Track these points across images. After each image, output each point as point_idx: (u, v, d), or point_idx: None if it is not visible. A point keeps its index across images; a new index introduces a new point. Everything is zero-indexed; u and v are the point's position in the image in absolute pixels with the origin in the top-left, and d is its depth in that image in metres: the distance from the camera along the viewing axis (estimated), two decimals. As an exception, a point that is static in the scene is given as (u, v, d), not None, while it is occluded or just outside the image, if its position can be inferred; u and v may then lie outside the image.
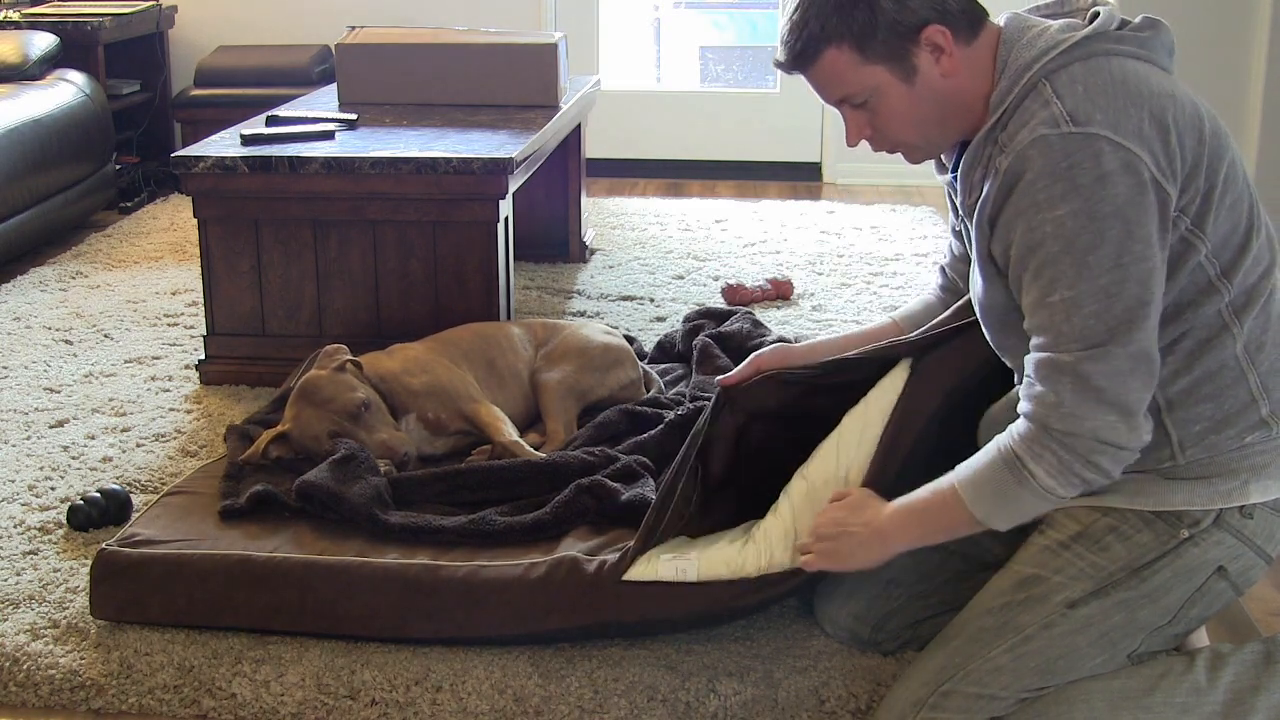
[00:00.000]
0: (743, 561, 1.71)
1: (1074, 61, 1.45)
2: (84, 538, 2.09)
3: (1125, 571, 1.53)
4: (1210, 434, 1.51)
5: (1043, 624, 1.52)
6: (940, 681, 1.53)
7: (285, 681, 1.72)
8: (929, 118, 1.52)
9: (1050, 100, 1.43)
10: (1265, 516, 1.54)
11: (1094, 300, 1.41)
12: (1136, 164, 1.40)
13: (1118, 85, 1.43)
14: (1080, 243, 1.40)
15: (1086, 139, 1.40)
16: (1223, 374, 1.50)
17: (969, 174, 1.52)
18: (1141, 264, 1.41)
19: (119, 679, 1.74)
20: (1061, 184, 1.40)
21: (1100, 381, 1.42)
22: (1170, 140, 1.43)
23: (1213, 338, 1.49)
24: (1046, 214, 1.41)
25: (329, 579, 1.80)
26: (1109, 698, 1.51)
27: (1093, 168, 1.40)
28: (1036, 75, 1.45)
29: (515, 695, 1.69)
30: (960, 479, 1.52)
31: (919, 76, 1.50)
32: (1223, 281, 1.48)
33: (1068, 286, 1.42)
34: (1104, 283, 1.40)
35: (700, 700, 1.67)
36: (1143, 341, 1.42)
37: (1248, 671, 1.54)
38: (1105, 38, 1.47)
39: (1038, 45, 1.47)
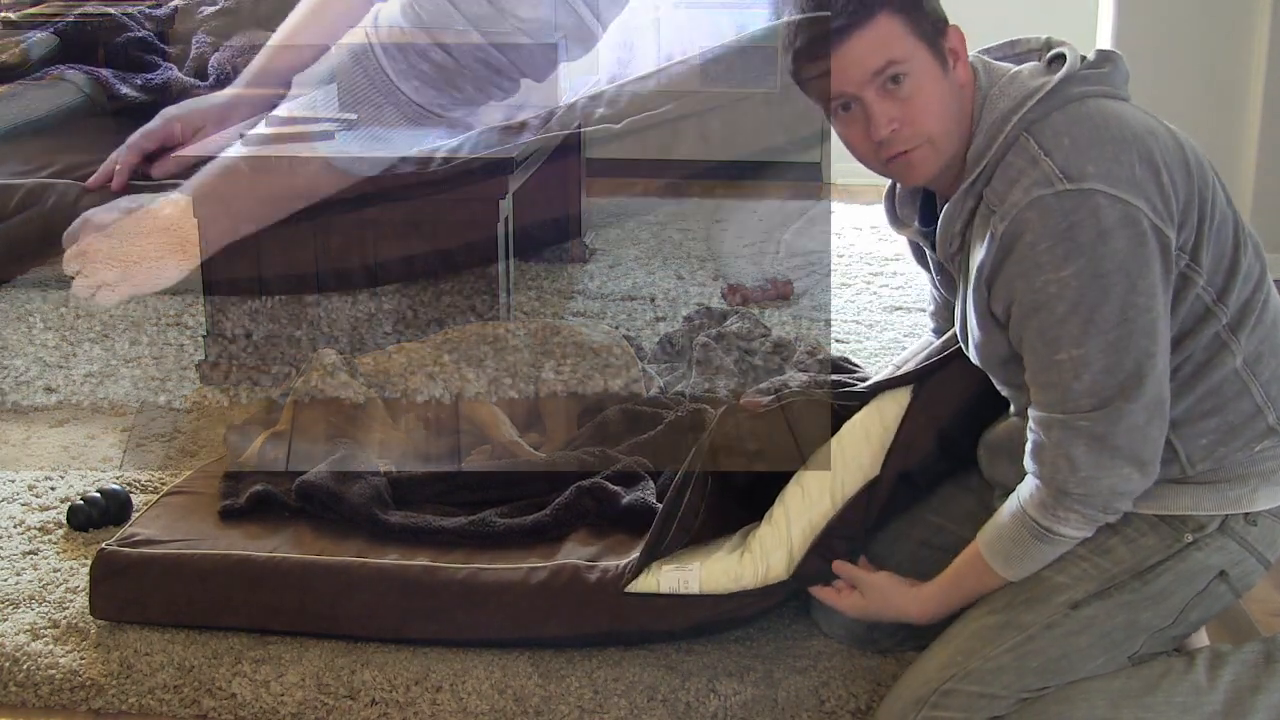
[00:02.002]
0: (740, 571, 1.71)
1: (1053, 110, 1.43)
2: (84, 538, 2.09)
3: (1128, 574, 1.53)
4: (1219, 446, 1.51)
5: (1045, 624, 1.52)
6: (941, 680, 1.53)
7: (285, 681, 1.72)
8: (954, 115, 1.50)
9: (1039, 157, 1.41)
10: (1268, 523, 1.54)
11: (1102, 356, 1.41)
12: (1135, 214, 1.39)
13: (1102, 131, 1.42)
14: (1086, 302, 1.40)
15: (1083, 195, 1.39)
16: (1225, 389, 1.50)
17: (949, 225, 1.50)
18: (1146, 315, 1.41)
19: (119, 679, 1.74)
20: (1063, 245, 1.39)
21: (1118, 440, 1.42)
22: (1163, 181, 1.42)
23: (1212, 358, 1.49)
24: (1050, 275, 1.40)
25: (329, 579, 1.80)
26: (1109, 697, 1.51)
27: (1092, 225, 1.39)
28: (1017, 127, 1.43)
29: (515, 695, 1.69)
30: (988, 550, 1.55)
31: (949, 67, 1.49)
32: (1219, 305, 1.48)
33: (1075, 345, 1.41)
34: (1111, 338, 1.40)
35: (700, 700, 1.67)
36: (1154, 389, 1.43)
37: (1248, 671, 1.54)
38: (1076, 80, 1.45)
39: (1011, 94, 1.45)
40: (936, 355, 1.76)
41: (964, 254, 1.51)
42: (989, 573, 1.56)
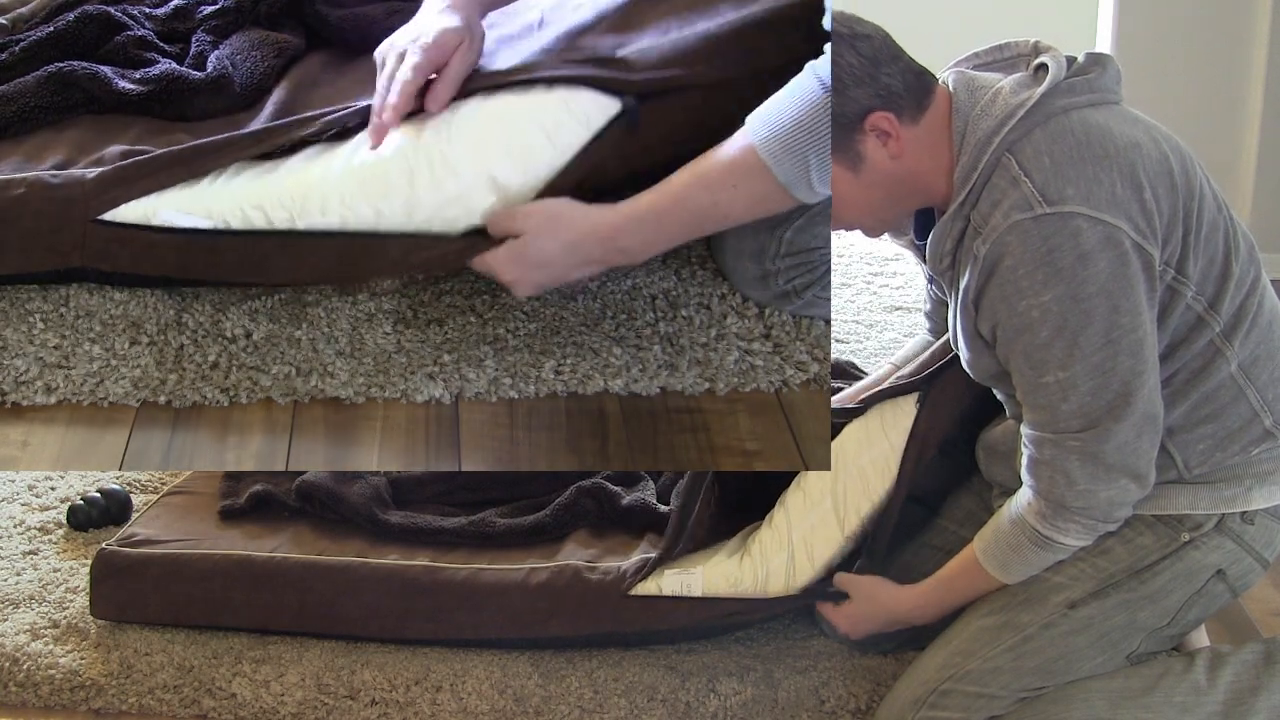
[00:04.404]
0: (740, 575, 1.71)
1: (1035, 128, 1.42)
2: (84, 538, 2.09)
3: (1126, 573, 1.53)
4: (1216, 451, 1.51)
5: (1043, 624, 1.53)
6: (940, 680, 1.53)
7: (285, 681, 1.72)
8: (878, 201, 1.50)
9: (1019, 179, 1.40)
10: (1265, 523, 1.54)
11: (1089, 378, 1.40)
12: (1116, 235, 1.38)
13: (1084, 148, 1.40)
14: (1069, 326, 1.39)
15: (1062, 219, 1.37)
16: (1220, 395, 1.50)
17: (939, 244, 1.50)
18: (1131, 335, 1.40)
19: (119, 679, 1.74)
20: (1043, 270, 1.38)
21: (1111, 458, 1.43)
22: (1145, 198, 1.40)
23: (1206, 366, 1.49)
24: (1031, 300, 1.39)
25: (329, 579, 1.80)
26: (1108, 697, 1.51)
27: (1072, 249, 1.37)
28: (999, 148, 1.42)
29: (515, 695, 1.69)
30: (986, 559, 1.56)
31: (865, 164, 1.47)
32: (1211, 314, 1.48)
33: (1060, 368, 1.41)
34: (1096, 360, 1.40)
35: (700, 700, 1.67)
36: (1143, 405, 1.42)
37: (1247, 671, 1.54)
38: (1059, 92, 1.43)
39: (993, 113, 1.43)
40: (938, 360, 1.76)
41: (953, 271, 1.50)
42: (983, 577, 1.56)
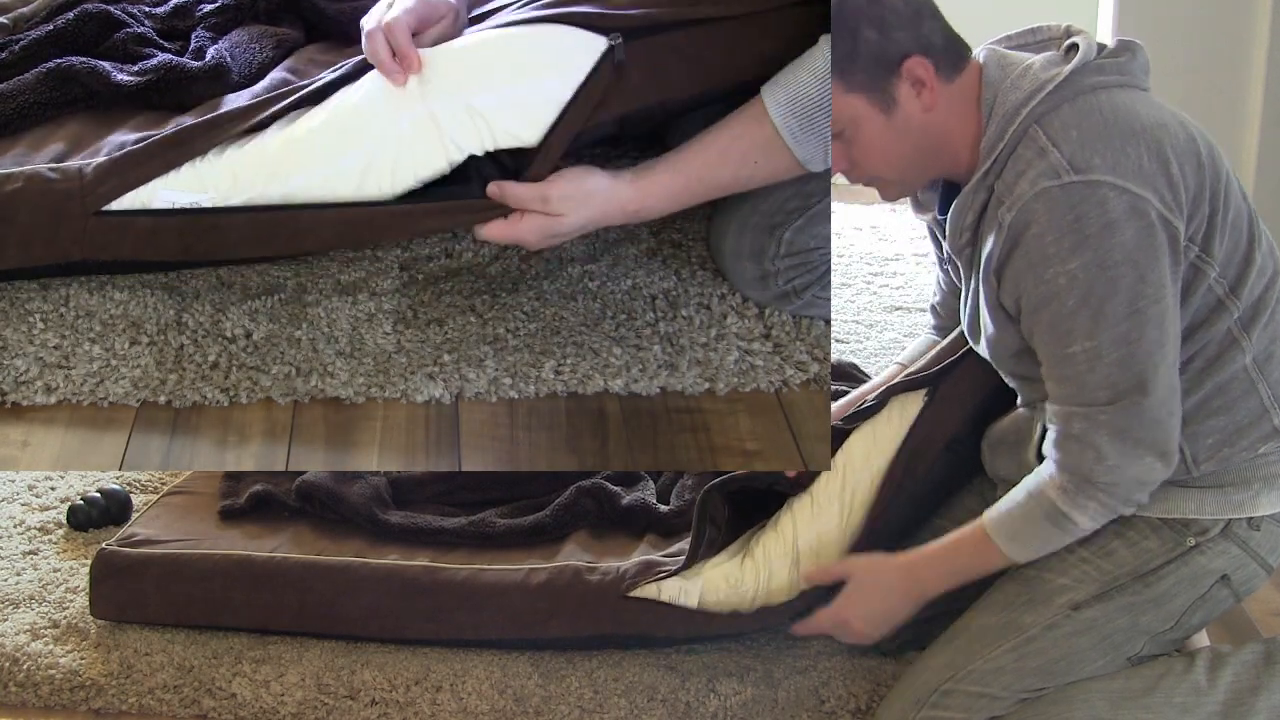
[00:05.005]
0: (741, 576, 1.70)
1: (1063, 103, 1.43)
2: (84, 538, 2.09)
3: (1130, 576, 1.53)
4: (1224, 446, 1.51)
5: (1045, 625, 1.53)
6: (941, 680, 1.53)
7: (285, 681, 1.72)
8: (904, 153, 1.51)
9: (1047, 148, 1.41)
10: (1270, 529, 1.54)
11: (1114, 348, 1.40)
12: (1142, 205, 1.39)
13: (1110, 124, 1.41)
14: (1095, 294, 1.39)
15: (1089, 187, 1.38)
16: (1233, 387, 1.50)
17: (960, 217, 1.50)
18: (1155, 305, 1.40)
19: (119, 679, 1.74)
20: (1070, 237, 1.39)
21: (1140, 432, 1.43)
22: (1172, 172, 1.41)
23: (1222, 354, 1.49)
24: (1058, 268, 1.40)
25: (329, 579, 1.80)
26: (1109, 697, 1.51)
27: (1099, 216, 1.38)
28: (1027, 120, 1.43)
29: (515, 695, 1.69)
30: (995, 529, 1.54)
31: (898, 109, 1.47)
32: (1231, 298, 1.48)
33: (1087, 337, 1.41)
34: (1122, 330, 1.40)
35: (700, 700, 1.67)
36: (1167, 379, 1.43)
37: (1248, 672, 1.54)
38: (1089, 70, 1.45)
39: (1023, 87, 1.44)
40: (947, 356, 1.75)
41: (973, 248, 1.51)
42: (990, 550, 1.54)
